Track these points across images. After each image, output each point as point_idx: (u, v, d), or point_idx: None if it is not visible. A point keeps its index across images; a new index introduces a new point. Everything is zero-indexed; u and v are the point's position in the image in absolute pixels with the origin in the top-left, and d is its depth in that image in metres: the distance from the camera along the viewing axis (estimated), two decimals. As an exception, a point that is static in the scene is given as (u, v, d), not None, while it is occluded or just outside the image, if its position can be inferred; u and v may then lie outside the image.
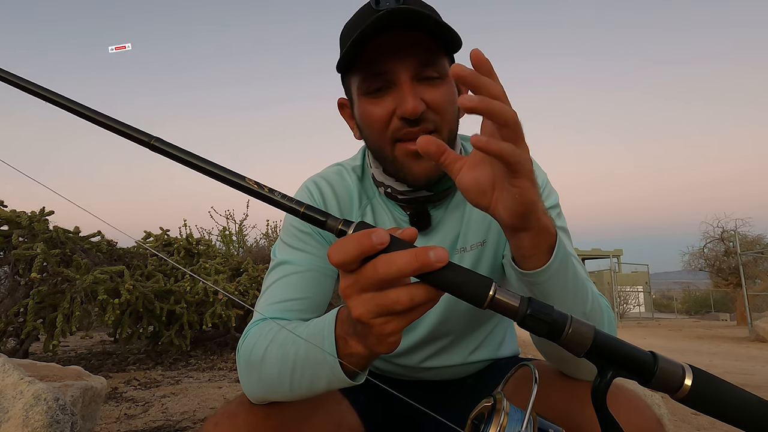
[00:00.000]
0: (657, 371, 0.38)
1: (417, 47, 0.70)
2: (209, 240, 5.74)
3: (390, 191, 0.82)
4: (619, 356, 0.38)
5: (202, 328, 4.03)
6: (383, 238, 0.39)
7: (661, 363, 0.38)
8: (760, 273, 14.13)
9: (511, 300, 0.39)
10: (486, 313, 0.89)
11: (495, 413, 0.42)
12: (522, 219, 0.51)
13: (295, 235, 0.81)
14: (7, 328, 3.05)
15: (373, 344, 0.46)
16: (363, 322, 0.43)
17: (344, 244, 0.40)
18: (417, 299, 0.40)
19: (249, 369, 0.67)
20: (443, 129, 0.73)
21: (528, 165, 0.47)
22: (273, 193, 0.43)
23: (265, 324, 0.70)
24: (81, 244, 3.50)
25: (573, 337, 0.38)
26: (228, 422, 0.68)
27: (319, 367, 0.55)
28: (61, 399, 1.32)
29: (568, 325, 0.38)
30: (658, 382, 0.38)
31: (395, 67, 0.70)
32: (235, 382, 3.13)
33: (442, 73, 0.72)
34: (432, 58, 0.71)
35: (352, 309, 0.42)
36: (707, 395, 0.38)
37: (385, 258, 0.39)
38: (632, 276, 24.62)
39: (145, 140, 0.44)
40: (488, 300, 0.39)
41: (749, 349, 7.26)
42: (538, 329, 0.39)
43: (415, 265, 0.39)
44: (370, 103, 0.73)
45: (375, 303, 0.41)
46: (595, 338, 0.38)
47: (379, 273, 0.39)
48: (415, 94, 0.70)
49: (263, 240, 6.63)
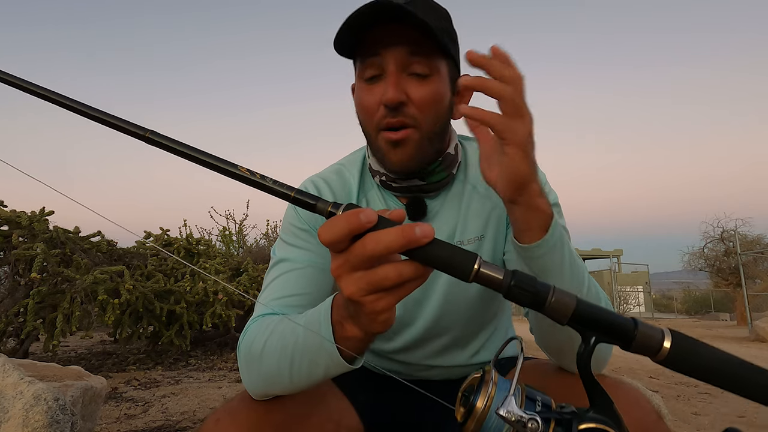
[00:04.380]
0: (637, 335, 0.39)
1: (407, 39, 0.72)
2: (209, 240, 5.74)
3: (384, 179, 0.83)
4: (600, 323, 0.40)
5: (202, 328, 4.03)
6: (371, 217, 0.41)
7: (641, 328, 0.39)
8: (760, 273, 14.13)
9: (496, 273, 0.41)
10: (485, 310, 0.89)
11: (483, 384, 0.43)
12: (514, 190, 0.56)
13: (293, 233, 0.82)
14: (7, 328, 3.05)
15: (367, 323, 0.47)
16: (354, 300, 0.44)
17: (333, 223, 0.42)
18: (405, 275, 0.42)
19: (249, 363, 0.67)
20: (422, 125, 0.75)
21: (519, 135, 0.53)
22: (265, 179, 0.44)
23: (264, 319, 0.70)
24: (81, 244, 3.50)
25: (555, 306, 0.40)
26: (229, 419, 0.69)
27: (317, 353, 0.56)
28: (61, 399, 1.32)
29: (551, 294, 0.40)
30: (638, 346, 0.39)
31: (385, 56, 0.73)
32: (235, 382, 3.13)
33: (432, 70, 0.74)
34: (421, 52, 0.73)
35: (344, 288, 0.44)
36: (686, 357, 0.39)
37: (373, 235, 0.41)
38: (632, 276, 24.62)
39: (141, 134, 0.46)
40: (473, 273, 0.41)
41: (749, 349, 7.26)
42: (522, 299, 0.40)
43: (402, 241, 0.40)
44: (363, 90, 0.77)
45: (365, 281, 0.42)
46: (577, 306, 0.40)
47: (367, 250, 0.41)
48: (398, 85, 0.73)
49: (263, 240, 6.63)
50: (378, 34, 0.72)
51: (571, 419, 0.41)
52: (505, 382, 0.43)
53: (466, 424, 0.42)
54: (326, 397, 0.82)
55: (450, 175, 0.84)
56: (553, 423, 0.40)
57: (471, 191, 0.87)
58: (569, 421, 0.41)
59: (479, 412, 0.41)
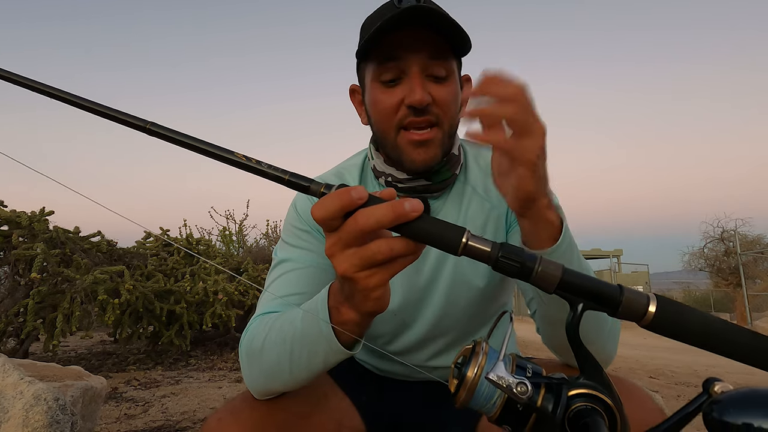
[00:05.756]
0: (623, 301, 0.40)
1: (428, 44, 0.75)
2: (209, 240, 5.73)
3: (390, 180, 0.84)
4: (587, 290, 0.41)
5: (202, 328, 4.02)
6: (362, 193, 0.43)
7: (626, 294, 0.40)
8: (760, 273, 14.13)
9: (484, 246, 0.42)
10: (486, 310, 0.90)
11: (474, 355, 0.44)
12: (521, 206, 0.56)
13: (294, 234, 0.83)
14: (7, 328, 3.05)
15: (361, 302, 0.48)
16: (348, 277, 0.45)
17: (326, 201, 0.43)
18: (396, 249, 0.43)
19: (250, 359, 0.68)
20: (444, 124, 0.78)
21: (528, 154, 0.52)
22: (260, 164, 0.45)
23: (264, 317, 0.71)
24: (81, 244, 3.50)
25: (542, 275, 0.41)
26: (232, 418, 0.69)
27: (316, 341, 0.57)
28: (61, 399, 1.32)
29: (538, 264, 0.41)
30: (624, 311, 0.40)
31: (407, 59, 0.75)
32: (235, 382, 3.13)
33: (449, 72, 0.78)
34: (441, 55, 0.76)
35: (337, 266, 0.45)
36: (670, 320, 0.40)
37: (364, 211, 0.42)
38: (632, 276, 24.60)
39: (141, 125, 0.48)
40: (462, 246, 0.42)
41: (749, 349, 7.23)
42: (510, 270, 0.41)
43: (392, 216, 0.41)
44: (381, 91, 0.78)
45: (358, 257, 0.44)
46: (564, 275, 0.41)
47: (359, 224, 0.42)
48: (424, 87, 0.75)
49: (263, 240, 6.63)
50: (400, 37, 0.74)
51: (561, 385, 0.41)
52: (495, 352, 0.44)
53: (458, 394, 0.43)
54: (328, 396, 0.82)
55: (453, 176, 0.85)
56: (543, 389, 0.41)
57: (471, 192, 0.88)
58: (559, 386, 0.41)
59: (470, 381, 0.42)
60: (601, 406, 0.40)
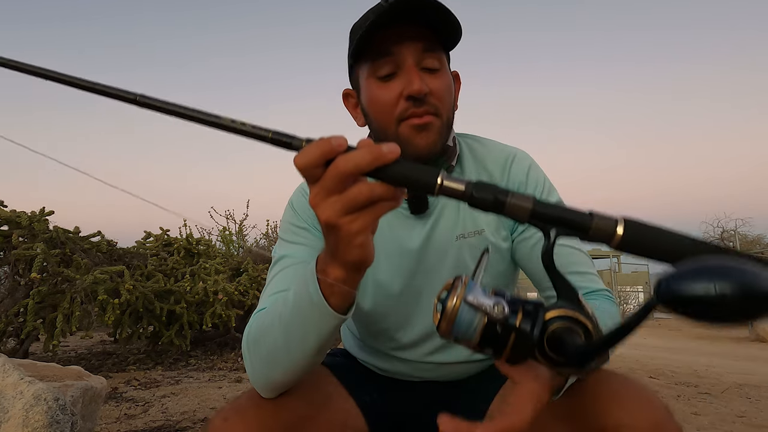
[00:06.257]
0: (593, 225, 0.41)
1: (421, 37, 0.77)
2: (209, 240, 5.73)
3: None
4: (558, 218, 0.42)
5: (202, 328, 4.02)
6: (341, 141, 0.45)
7: (596, 218, 0.41)
8: (760, 273, 14.09)
9: (458, 184, 0.44)
10: None
11: (454, 288, 0.45)
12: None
13: (291, 231, 0.85)
14: (7, 328, 3.05)
15: (345, 251, 0.49)
16: (331, 224, 0.47)
17: (307, 149, 0.45)
18: (377, 191, 0.45)
19: (250, 350, 0.68)
20: (442, 114, 0.79)
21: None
22: (244, 125, 0.47)
23: (261, 311, 0.71)
24: (81, 244, 3.49)
25: (514, 207, 0.43)
26: (237, 417, 0.69)
27: (307, 310, 0.58)
28: (61, 399, 1.32)
29: (509, 198, 0.43)
30: (594, 234, 0.42)
31: (402, 53, 0.76)
32: (235, 382, 3.13)
33: (441, 64, 0.80)
34: (434, 48, 0.78)
35: (320, 214, 0.47)
36: (638, 239, 0.41)
37: (344, 156, 0.44)
38: (632, 276, 24.59)
39: (131, 98, 0.49)
40: (438, 187, 0.44)
41: (749, 349, 7.26)
42: (484, 204, 0.43)
43: (370, 158, 0.43)
44: (378, 87, 0.79)
45: (340, 202, 0.45)
46: (535, 205, 0.43)
47: (339, 168, 0.44)
48: (421, 78, 0.76)
49: (263, 240, 6.63)
50: (390, 33, 0.76)
51: (538, 308, 0.43)
52: (474, 283, 0.46)
53: (440, 324, 0.45)
54: (333, 398, 0.82)
55: (450, 167, 0.86)
56: (521, 313, 0.43)
57: None
58: (536, 309, 0.43)
59: (450, 311, 0.44)
60: (577, 325, 0.42)
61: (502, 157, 0.90)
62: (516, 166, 0.89)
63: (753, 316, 0.29)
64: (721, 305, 0.29)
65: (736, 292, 0.29)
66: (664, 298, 0.31)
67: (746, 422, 2.45)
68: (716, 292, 0.29)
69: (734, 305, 0.29)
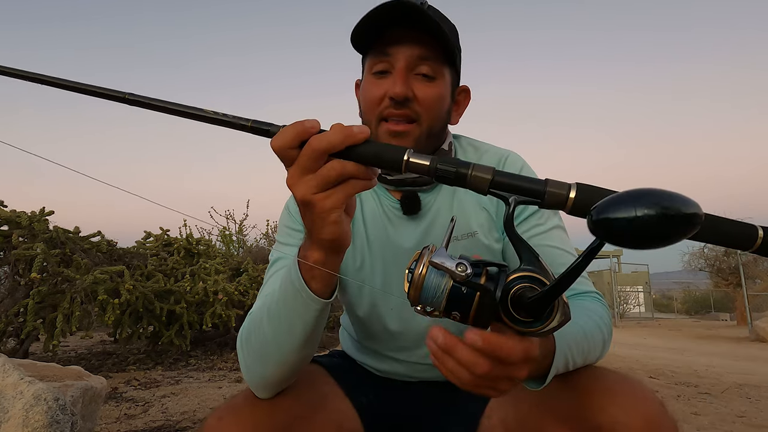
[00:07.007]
0: (547, 192, 0.44)
1: (421, 43, 0.77)
2: (209, 240, 5.73)
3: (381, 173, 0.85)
4: (516, 187, 0.45)
5: (202, 328, 4.02)
6: (314, 122, 0.48)
7: (550, 186, 0.44)
8: (760, 273, 14.14)
9: (424, 160, 0.47)
10: None
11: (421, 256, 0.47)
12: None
13: (287, 233, 0.86)
14: (7, 328, 3.05)
15: (320, 228, 0.52)
16: (306, 201, 0.49)
17: (283, 131, 0.48)
18: (348, 168, 0.48)
19: (244, 348, 0.69)
20: (423, 122, 0.80)
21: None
22: (226, 116, 0.50)
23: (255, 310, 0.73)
24: (81, 244, 3.49)
25: (475, 179, 0.46)
26: (232, 417, 0.69)
27: (292, 298, 0.60)
28: (61, 399, 1.32)
29: (470, 170, 0.46)
30: (549, 201, 0.44)
31: (397, 55, 0.78)
32: (235, 382, 3.13)
33: (438, 74, 0.80)
34: (429, 55, 0.78)
35: (296, 192, 0.49)
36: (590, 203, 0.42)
37: (317, 136, 0.47)
38: (632, 276, 24.60)
39: (120, 96, 0.51)
40: (404, 164, 0.47)
41: (749, 349, 7.26)
42: (447, 178, 0.46)
43: (341, 136, 0.46)
44: (370, 82, 0.81)
45: (314, 180, 0.48)
46: (494, 177, 0.46)
47: (312, 146, 0.47)
48: (406, 81, 0.77)
49: (263, 240, 6.63)
50: (394, 34, 0.77)
51: (501, 270, 0.45)
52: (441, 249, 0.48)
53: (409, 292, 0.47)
54: (328, 398, 0.83)
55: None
56: (485, 275, 0.45)
57: (463, 189, 0.88)
58: (499, 271, 0.45)
59: (417, 277, 0.46)
60: (536, 283, 0.44)
61: (495, 158, 0.91)
62: (508, 167, 0.90)
63: (672, 237, 0.32)
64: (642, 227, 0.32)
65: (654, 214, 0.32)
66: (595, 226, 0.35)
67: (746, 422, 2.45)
68: (636, 215, 0.32)
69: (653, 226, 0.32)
